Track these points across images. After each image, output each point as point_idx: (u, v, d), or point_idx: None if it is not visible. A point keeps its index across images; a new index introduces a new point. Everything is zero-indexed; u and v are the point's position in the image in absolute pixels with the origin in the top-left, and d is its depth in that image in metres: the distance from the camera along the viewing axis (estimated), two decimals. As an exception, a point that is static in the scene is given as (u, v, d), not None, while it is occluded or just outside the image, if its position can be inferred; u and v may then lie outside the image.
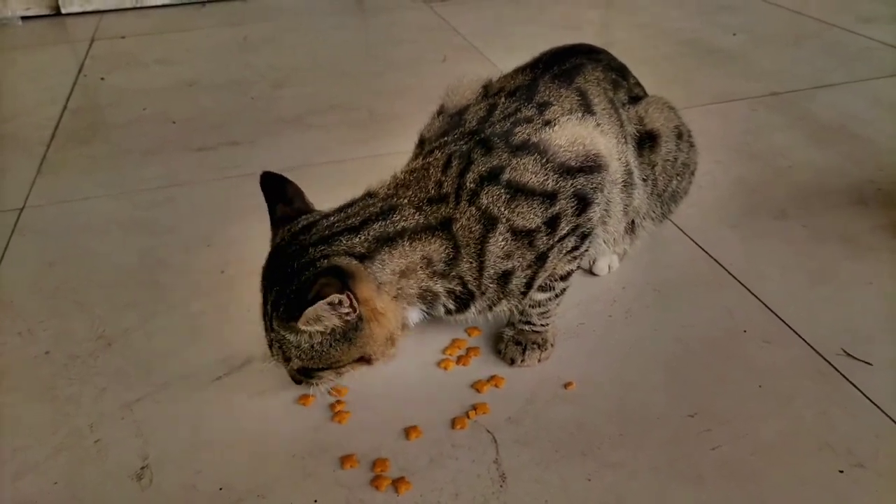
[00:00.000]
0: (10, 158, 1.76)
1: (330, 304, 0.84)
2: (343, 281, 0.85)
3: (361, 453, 0.95)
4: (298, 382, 0.98)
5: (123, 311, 1.22)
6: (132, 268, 1.34)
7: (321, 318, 0.86)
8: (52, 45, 2.54)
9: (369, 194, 0.97)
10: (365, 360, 0.93)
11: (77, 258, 1.37)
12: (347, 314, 0.87)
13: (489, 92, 1.10)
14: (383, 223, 0.92)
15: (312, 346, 0.89)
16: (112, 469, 0.94)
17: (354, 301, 0.86)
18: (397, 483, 0.90)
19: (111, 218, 1.50)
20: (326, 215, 0.95)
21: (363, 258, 0.89)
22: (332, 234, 0.91)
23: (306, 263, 0.88)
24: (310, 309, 0.84)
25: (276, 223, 0.97)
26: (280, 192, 0.98)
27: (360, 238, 0.90)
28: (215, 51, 2.44)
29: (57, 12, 2.78)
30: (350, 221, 0.92)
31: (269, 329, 0.91)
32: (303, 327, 0.87)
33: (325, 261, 0.88)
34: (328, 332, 0.88)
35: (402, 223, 0.92)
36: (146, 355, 1.13)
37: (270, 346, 0.93)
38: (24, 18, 2.73)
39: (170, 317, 1.21)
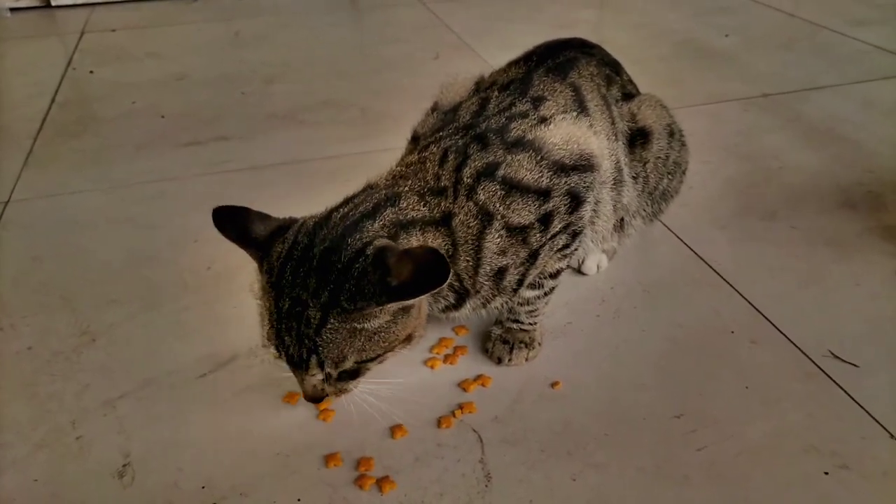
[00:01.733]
0: (-4, 151, 1.74)
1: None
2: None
3: (346, 452, 0.94)
4: (319, 400, 0.89)
5: (108, 306, 1.21)
6: (118, 263, 1.32)
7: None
8: (41, 38, 2.52)
9: (370, 186, 0.95)
10: (409, 338, 0.89)
11: (63, 253, 1.36)
12: None
13: (481, 87, 1.09)
14: (394, 209, 0.89)
15: (380, 328, 0.84)
16: (93, 466, 0.93)
17: None
18: (381, 482, 0.90)
19: (98, 213, 1.48)
20: (333, 210, 0.90)
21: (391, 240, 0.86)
22: (353, 222, 0.86)
23: (355, 254, 0.82)
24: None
25: (264, 241, 0.89)
26: (243, 219, 0.90)
27: (378, 223, 0.87)
28: (206, 45, 2.43)
29: (47, 4, 2.75)
30: (362, 209, 0.88)
31: (313, 336, 0.82)
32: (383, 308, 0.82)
33: (370, 247, 0.83)
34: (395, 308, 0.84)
35: (412, 213, 0.89)
36: (130, 352, 1.12)
37: (310, 358, 0.84)
38: (13, 10, 2.70)
39: (155, 313, 1.20)
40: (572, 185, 0.96)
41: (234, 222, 0.90)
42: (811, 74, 2.09)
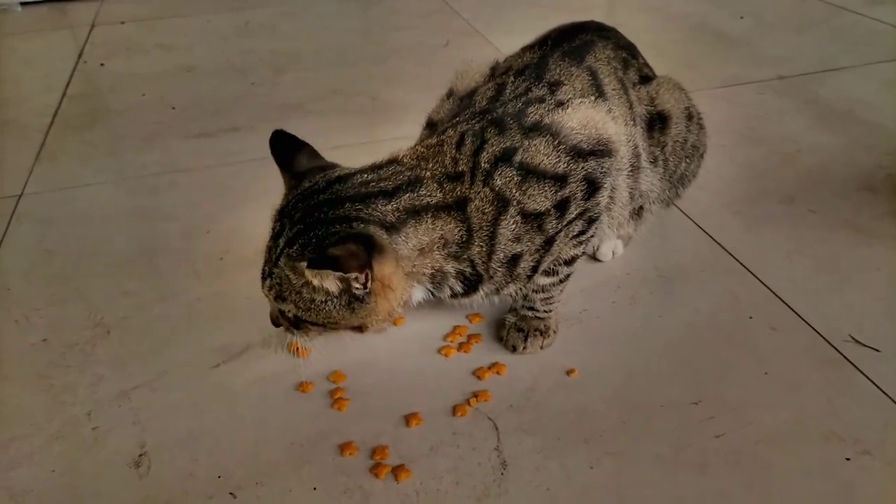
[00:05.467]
0: (8, 145, 1.74)
1: (343, 277, 0.84)
2: (369, 254, 0.84)
3: (361, 440, 0.94)
4: (277, 325, 0.97)
5: (122, 298, 1.21)
6: (131, 255, 1.32)
7: (325, 280, 0.85)
8: (51, 31, 2.52)
9: (396, 161, 0.95)
10: (359, 328, 0.93)
11: (75, 245, 1.36)
12: (357, 289, 0.86)
13: (496, 72, 1.08)
14: (412, 194, 0.90)
15: (313, 300, 0.88)
16: (109, 457, 0.93)
17: (370, 280, 0.85)
18: (397, 471, 0.89)
19: (110, 205, 1.48)
20: (359, 171, 0.93)
21: (392, 228, 0.88)
22: (368, 193, 0.90)
23: (341, 217, 0.87)
24: (325, 271, 0.83)
25: (301, 174, 0.96)
26: (295, 149, 0.99)
27: (392, 206, 0.89)
28: (215, 36, 2.42)
29: (57, -2, 2.76)
30: (383, 185, 0.91)
31: (272, 263, 0.90)
32: (311, 279, 0.85)
33: (360, 224, 0.86)
34: (333, 295, 0.87)
35: (427, 198, 0.91)
36: (144, 343, 1.12)
37: (266, 278, 0.91)
38: (23, 4, 2.71)
39: (168, 304, 1.20)
40: (589, 170, 0.94)
41: (286, 148, 0.99)
42: (827, 56, 2.05)
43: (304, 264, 0.84)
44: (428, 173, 0.92)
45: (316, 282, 0.86)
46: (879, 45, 2.11)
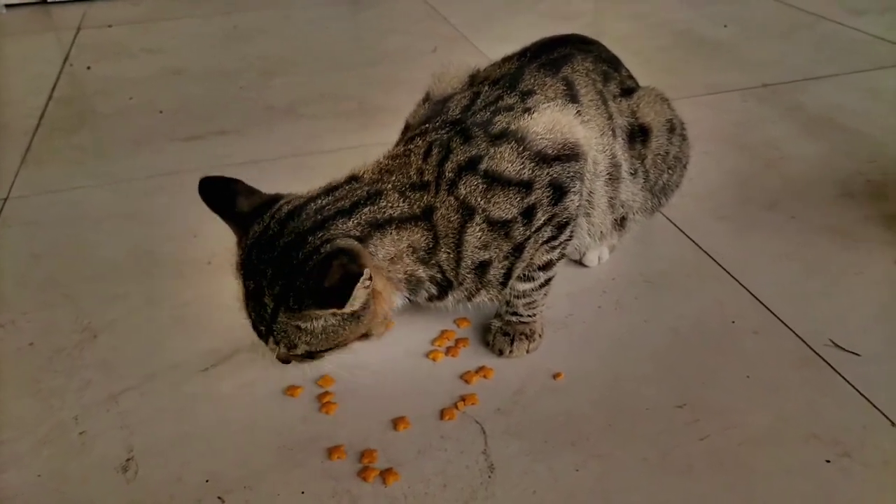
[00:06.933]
0: (-6, 148, 1.74)
1: (365, 284, 0.84)
2: (350, 257, 0.84)
3: (349, 444, 0.95)
4: (286, 362, 0.95)
5: (109, 302, 1.21)
6: (119, 259, 1.32)
7: (357, 300, 0.85)
8: (37, 34, 2.51)
9: (354, 178, 0.96)
10: (366, 335, 0.93)
11: (63, 249, 1.35)
12: (368, 285, 0.86)
13: (475, 81, 1.09)
14: (372, 208, 0.91)
15: (325, 330, 0.88)
16: (97, 461, 0.93)
17: (369, 276, 0.86)
18: (385, 474, 0.90)
19: (98, 208, 1.48)
20: (311, 198, 0.92)
21: (359, 240, 0.89)
22: (325, 218, 0.89)
23: (310, 252, 0.86)
24: (354, 290, 0.82)
25: (245, 217, 0.92)
26: (229, 192, 0.94)
27: (353, 222, 0.89)
28: (204, 40, 2.42)
29: (43, 1, 2.74)
30: (340, 204, 0.91)
31: (267, 322, 0.88)
32: (350, 304, 0.84)
33: (328, 245, 0.86)
34: (347, 313, 0.87)
35: (390, 210, 0.91)
36: (132, 347, 1.12)
37: (268, 337, 0.90)
38: (8, 6, 2.69)
39: (156, 308, 1.20)
40: (554, 175, 0.95)
41: (219, 194, 0.94)
42: (810, 64, 2.09)
43: (321, 310, 0.84)
44: (389, 185, 0.93)
45: (346, 308, 0.84)
46: (859, 54, 2.15)
